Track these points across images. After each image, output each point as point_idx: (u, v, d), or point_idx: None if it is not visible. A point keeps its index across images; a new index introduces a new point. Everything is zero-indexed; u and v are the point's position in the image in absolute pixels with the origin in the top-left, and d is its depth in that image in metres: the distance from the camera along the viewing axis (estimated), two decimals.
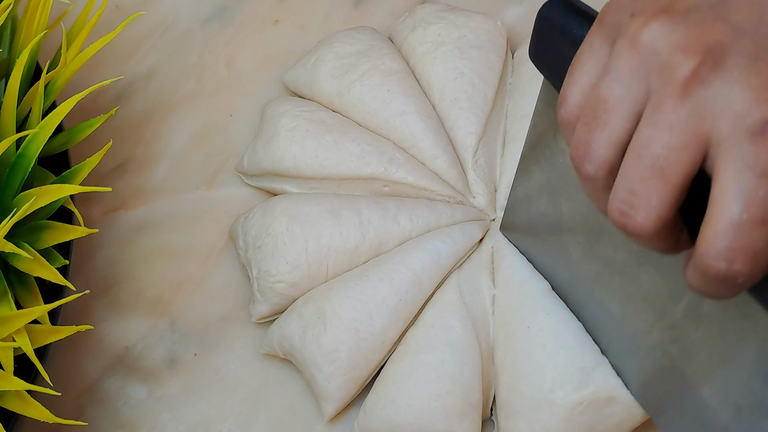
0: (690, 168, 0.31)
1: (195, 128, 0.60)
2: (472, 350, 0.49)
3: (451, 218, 0.53)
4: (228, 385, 0.53)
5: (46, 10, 0.49)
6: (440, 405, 0.48)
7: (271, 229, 0.52)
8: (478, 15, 0.58)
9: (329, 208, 0.52)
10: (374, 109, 0.55)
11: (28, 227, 0.47)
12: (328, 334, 0.49)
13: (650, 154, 0.31)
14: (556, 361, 0.47)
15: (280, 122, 0.55)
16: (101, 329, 0.55)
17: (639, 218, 0.31)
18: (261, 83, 0.62)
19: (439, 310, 0.50)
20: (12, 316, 0.44)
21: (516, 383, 0.48)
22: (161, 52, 0.63)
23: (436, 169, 0.54)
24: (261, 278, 0.52)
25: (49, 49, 0.56)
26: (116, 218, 0.58)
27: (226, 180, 0.59)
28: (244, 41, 0.63)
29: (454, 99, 0.55)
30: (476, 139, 0.54)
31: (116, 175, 0.59)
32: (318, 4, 0.64)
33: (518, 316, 0.49)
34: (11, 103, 0.47)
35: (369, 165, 0.53)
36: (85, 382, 0.53)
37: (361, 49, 0.57)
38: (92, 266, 0.56)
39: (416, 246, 0.51)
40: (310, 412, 0.52)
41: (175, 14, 0.64)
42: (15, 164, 0.47)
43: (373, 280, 0.50)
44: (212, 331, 0.55)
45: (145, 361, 0.54)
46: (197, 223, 0.58)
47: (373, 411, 0.49)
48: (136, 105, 0.61)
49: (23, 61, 0.47)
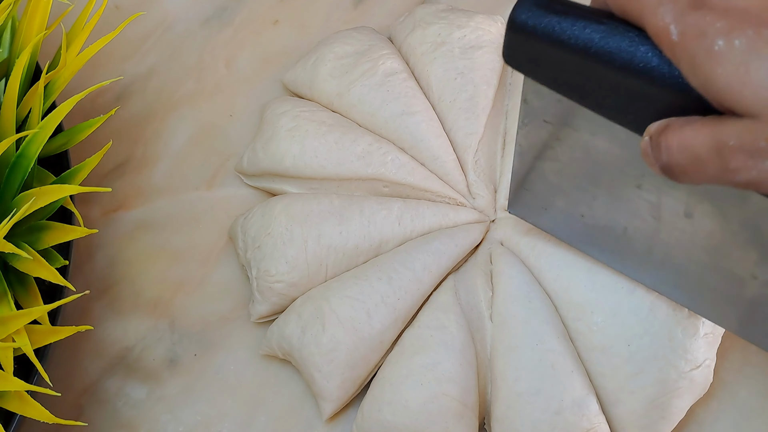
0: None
1: (195, 128, 0.60)
2: (468, 352, 0.49)
3: (452, 220, 0.53)
4: (228, 385, 0.53)
5: (45, 10, 0.49)
6: (436, 407, 0.48)
7: (270, 229, 0.52)
8: (478, 15, 0.58)
9: (329, 208, 0.52)
10: (374, 109, 0.55)
11: (27, 227, 0.47)
12: (326, 333, 0.49)
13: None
14: (565, 384, 0.47)
15: (279, 122, 0.55)
16: (101, 329, 0.55)
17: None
18: (261, 83, 0.62)
19: (435, 311, 0.50)
20: (12, 316, 0.44)
21: (518, 399, 0.47)
22: (161, 52, 0.63)
23: (436, 170, 0.54)
24: (260, 278, 0.52)
25: (49, 49, 0.56)
26: (116, 218, 0.58)
27: (226, 180, 0.59)
28: (244, 41, 0.63)
29: (453, 99, 0.55)
30: (476, 139, 0.54)
31: (116, 176, 0.59)
32: (318, 4, 0.64)
33: (524, 330, 0.48)
34: (11, 103, 0.47)
35: (369, 165, 0.53)
36: (84, 382, 0.53)
37: (360, 49, 0.57)
38: (92, 266, 0.56)
39: (416, 246, 0.51)
40: (310, 413, 0.52)
41: (175, 14, 0.64)
42: (15, 164, 0.47)
43: (371, 279, 0.50)
44: (212, 332, 0.55)
45: (144, 362, 0.54)
46: (197, 223, 0.58)
47: (371, 413, 0.49)
48: (136, 105, 0.61)
49: (23, 61, 0.47)
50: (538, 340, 0.48)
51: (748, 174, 0.33)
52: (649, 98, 0.35)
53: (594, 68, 0.35)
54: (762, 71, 0.31)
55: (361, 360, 0.50)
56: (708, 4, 0.33)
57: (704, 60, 0.32)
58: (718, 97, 0.33)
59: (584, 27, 0.35)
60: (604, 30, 0.35)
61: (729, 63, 0.32)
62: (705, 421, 0.51)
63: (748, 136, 0.32)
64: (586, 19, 0.35)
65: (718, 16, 0.32)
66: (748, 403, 0.52)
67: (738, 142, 0.32)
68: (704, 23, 0.32)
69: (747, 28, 0.32)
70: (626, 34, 0.34)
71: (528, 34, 0.36)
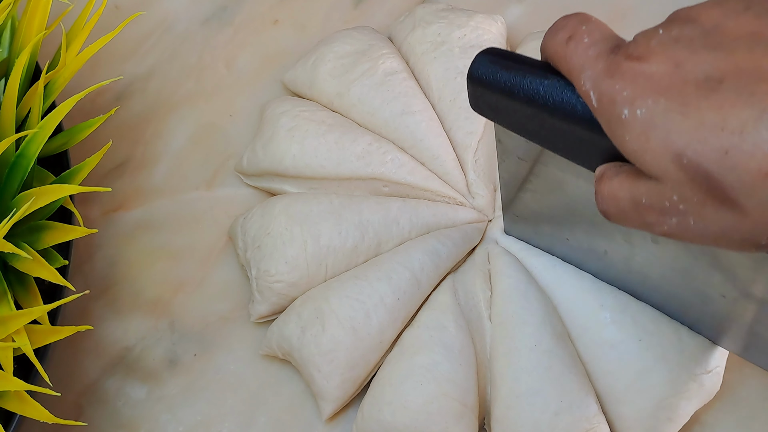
0: None
1: (195, 128, 0.60)
2: (468, 352, 0.49)
3: (451, 219, 0.53)
4: (228, 385, 0.53)
5: (45, 10, 0.49)
6: (436, 407, 0.47)
7: (270, 229, 0.52)
8: (478, 14, 0.58)
9: (329, 208, 0.52)
10: (374, 109, 0.55)
11: (27, 227, 0.47)
12: (326, 333, 0.49)
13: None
14: (564, 385, 0.47)
15: (279, 122, 0.55)
16: (101, 329, 0.55)
17: None
18: (261, 83, 0.62)
19: (434, 312, 0.50)
20: (11, 316, 0.44)
21: (517, 401, 0.47)
22: (161, 52, 0.63)
23: (436, 170, 0.54)
24: (260, 278, 0.52)
25: (49, 49, 0.56)
26: (116, 218, 0.58)
27: (226, 180, 0.59)
28: (244, 41, 0.63)
29: (453, 99, 0.55)
30: (476, 138, 0.54)
31: (116, 175, 0.59)
32: (318, 4, 0.64)
33: (522, 331, 0.48)
34: (11, 103, 0.47)
35: (369, 165, 0.53)
36: (84, 382, 0.53)
37: (360, 48, 0.57)
38: (92, 266, 0.56)
39: (415, 246, 0.51)
40: (310, 413, 0.52)
41: (175, 14, 0.64)
42: (14, 164, 0.47)
43: (371, 279, 0.50)
44: (212, 332, 0.55)
45: (144, 362, 0.54)
46: (197, 223, 0.58)
47: (371, 413, 0.49)
48: (136, 105, 0.61)
49: (23, 61, 0.47)
50: (535, 341, 0.47)
51: (661, 228, 0.35)
52: (593, 142, 0.37)
53: (543, 116, 0.38)
54: (659, 141, 0.33)
55: (361, 360, 0.50)
56: (619, 70, 0.34)
57: (616, 126, 0.34)
58: (630, 159, 0.35)
59: (531, 81, 0.38)
60: (548, 84, 0.38)
61: (633, 131, 0.34)
62: (707, 422, 0.51)
63: (655, 197, 0.34)
64: (533, 73, 0.38)
65: (626, 83, 0.34)
66: (749, 403, 0.52)
67: (648, 201, 0.34)
68: (614, 91, 0.34)
69: (648, 96, 0.33)
70: (567, 86, 0.37)
71: (485, 87, 0.40)
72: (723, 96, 0.32)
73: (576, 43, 0.37)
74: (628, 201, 0.36)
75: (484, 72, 0.40)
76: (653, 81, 0.33)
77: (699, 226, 0.34)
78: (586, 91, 0.36)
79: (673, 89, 0.33)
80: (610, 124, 0.35)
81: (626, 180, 0.36)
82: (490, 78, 0.40)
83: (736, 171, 0.31)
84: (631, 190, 0.35)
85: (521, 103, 0.39)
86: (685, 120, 0.32)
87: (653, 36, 0.35)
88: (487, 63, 0.40)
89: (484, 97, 0.41)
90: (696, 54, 0.33)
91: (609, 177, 0.37)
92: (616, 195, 0.36)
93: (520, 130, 0.41)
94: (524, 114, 0.39)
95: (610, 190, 0.36)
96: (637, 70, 0.34)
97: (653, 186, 0.34)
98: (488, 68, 0.40)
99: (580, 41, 0.36)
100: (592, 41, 0.36)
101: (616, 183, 0.36)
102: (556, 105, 0.38)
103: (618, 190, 0.36)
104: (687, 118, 0.32)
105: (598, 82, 0.35)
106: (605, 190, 0.37)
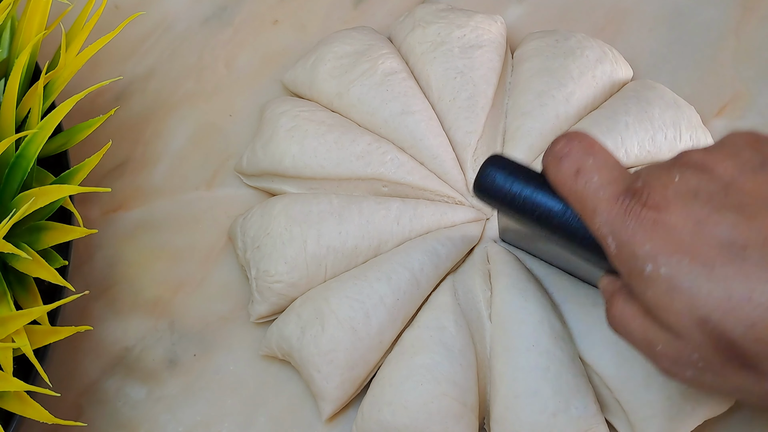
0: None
1: (194, 128, 0.60)
2: (468, 352, 0.49)
3: (451, 219, 0.53)
4: (227, 385, 0.53)
5: (45, 10, 0.49)
6: (436, 407, 0.47)
7: (269, 229, 0.52)
8: (477, 14, 0.58)
9: (328, 208, 0.52)
10: (373, 109, 0.55)
11: (27, 228, 0.47)
12: (325, 334, 0.49)
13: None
14: (562, 386, 0.47)
15: (279, 122, 0.55)
16: (100, 330, 0.55)
17: None
18: (260, 83, 0.62)
19: (434, 312, 0.50)
20: (11, 316, 0.44)
21: (516, 401, 0.47)
22: (161, 52, 0.63)
23: (436, 169, 0.54)
24: (260, 278, 0.52)
25: (49, 49, 0.56)
26: (115, 218, 0.58)
27: (226, 180, 0.59)
28: (244, 41, 0.63)
29: (453, 98, 0.55)
30: (476, 138, 0.54)
31: (115, 176, 0.59)
32: (318, 4, 0.64)
33: (520, 331, 0.48)
34: (10, 103, 0.47)
35: (368, 165, 0.53)
36: (84, 382, 0.53)
37: (360, 49, 0.57)
38: (91, 267, 0.56)
39: (415, 247, 0.51)
40: (310, 413, 0.52)
41: (175, 14, 0.64)
42: (14, 165, 0.47)
43: (370, 279, 0.50)
44: (212, 332, 0.55)
45: (144, 362, 0.54)
46: (197, 223, 0.58)
47: (371, 413, 0.49)
48: (136, 105, 0.61)
49: (22, 61, 0.47)
50: (533, 341, 0.47)
51: (675, 375, 0.36)
52: (600, 256, 0.38)
53: (554, 238, 0.40)
54: (683, 304, 0.33)
55: (361, 360, 0.50)
56: (638, 219, 0.34)
57: (637, 280, 0.35)
58: (651, 311, 0.35)
59: (546, 213, 0.39)
60: (560, 211, 0.39)
61: (657, 288, 0.34)
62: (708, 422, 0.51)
63: (673, 350, 0.35)
64: (546, 205, 0.39)
65: (647, 236, 0.34)
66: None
67: (664, 350, 0.35)
68: (635, 243, 0.34)
69: (672, 255, 0.33)
70: (575, 217, 0.38)
71: (492, 200, 0.42)
72: (748, 264, 0.32)
73: (586, 180, 0.36)
74: (641, 338, 0.36)
75: (491, 188, 0.41)
76: (675, 237, 0.33)
77: (716, 382, 0.34)
78: (603, 236, 0.36)
79: (696, 249, 0.33)
80: (631, 276, 0.35)
81: (639, 315, 0.36)
82: (500, 196, 0.41)
83: (761, 343, 0.32)
84: (645, 330, 0.35)
85: (533, 224, 0.40)
86: (711, 285, 0.33)
87: (668, 183, 0.35)
88: (494, 179, 0.41)
89: (491, 204, 0.42)
90: (717, 213, 0.33)
91: (620, 300, 0.37)
92: (628, 325, 0.36)
93: (527, 233, 0.43)
94: (533, 228, 0.41)
95: (622, 318, 0.36)
96: (657, 221, 0.34)
97: (672, 340, 0.34)
98: (497, 186, 0.41)
99: (590, 179, 0.36)
100: (603, 181, 0.36)
101: (628, 312, 0.36)
102: (570, 231, 0.38)
103: (630, 322, 0.36)
104: (713, 284, 0.33)
105: (617, 230, 0.35)
106: (617, 313, 0.37)
